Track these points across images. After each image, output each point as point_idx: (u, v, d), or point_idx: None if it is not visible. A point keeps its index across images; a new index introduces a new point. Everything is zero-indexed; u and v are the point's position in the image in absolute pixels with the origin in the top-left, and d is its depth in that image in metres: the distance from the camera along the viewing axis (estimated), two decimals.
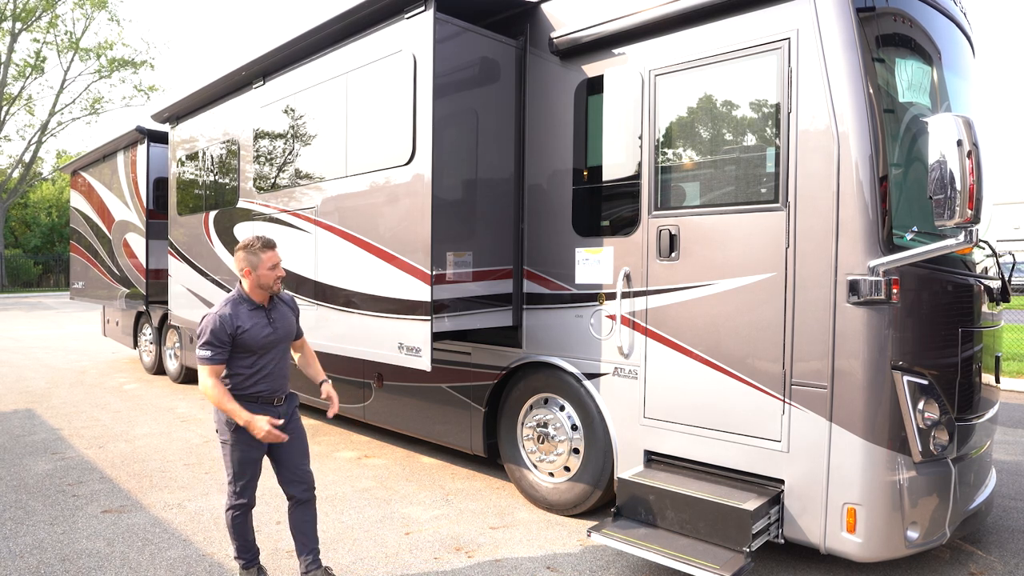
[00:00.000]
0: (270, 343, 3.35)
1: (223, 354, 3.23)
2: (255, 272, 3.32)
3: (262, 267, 3.31)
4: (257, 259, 3.31)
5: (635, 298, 4.18)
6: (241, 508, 3.41)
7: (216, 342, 3.21)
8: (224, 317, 3.23)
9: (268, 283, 3.34)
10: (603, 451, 4.41)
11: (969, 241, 3.05)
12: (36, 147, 40.63)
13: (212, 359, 3.21)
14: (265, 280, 3.33)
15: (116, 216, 10.43)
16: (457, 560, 3.96)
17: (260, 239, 3.36)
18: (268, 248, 3.34)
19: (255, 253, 3.32)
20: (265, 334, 3.33)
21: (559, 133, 4.66)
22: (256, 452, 3.38)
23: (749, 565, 3.31)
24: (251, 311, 3.33)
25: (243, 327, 3.26)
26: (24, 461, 5.89)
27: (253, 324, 3.30)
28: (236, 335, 3.24)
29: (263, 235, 3.45)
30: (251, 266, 3.32)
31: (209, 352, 3.20)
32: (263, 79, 6.36)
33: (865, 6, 3.47)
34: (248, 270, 3.32)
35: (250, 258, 3.32)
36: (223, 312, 3.25)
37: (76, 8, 39.10)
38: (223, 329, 3.22)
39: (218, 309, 3.28)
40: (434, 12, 4.31)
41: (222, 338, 3.21)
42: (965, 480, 3.72)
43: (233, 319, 3.25)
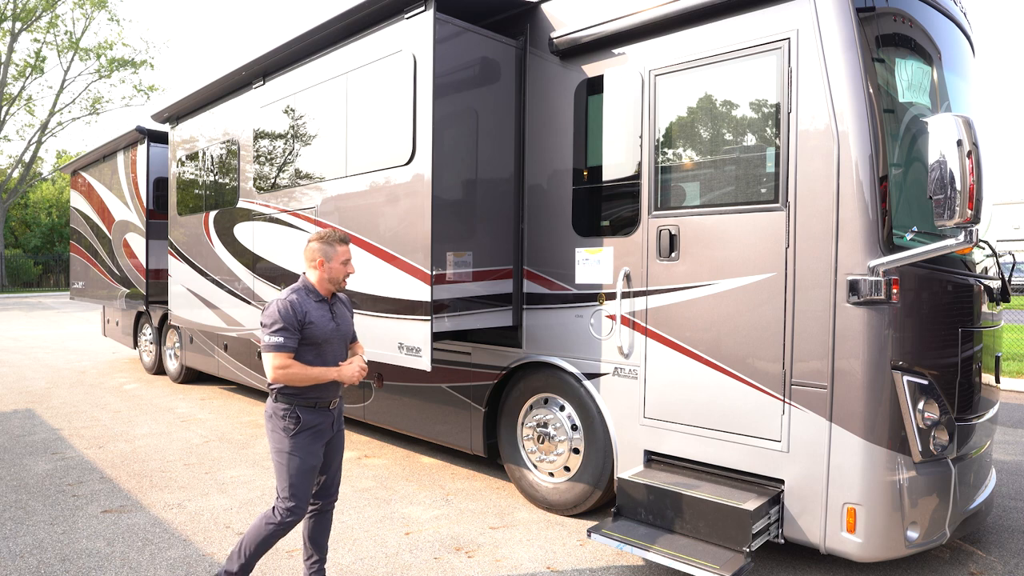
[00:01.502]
0: (333, 338, 3.26)
1: (295, 340, 3.09)
2: (328, 264, 3.23)
3: (336, 260, 3.24)
4: (333, 251, 3.24)
5: (635, 298, 4.18)
6: (289, 525, 3.17)
7: (289, 327, 3.06)
8: (293, 303, 3.11)
9: (338, 278, 3.26)
10: (603, 451, 4.41)
11: (969, 241, 3.05)
12: (36, 147, 40.66)
13: (285, 345, 3.06)
14: (336, 274, 3.25)
15: (116, 216, 10.43)
16: (457, 560, 3.96)
17: (336, 233, 3.29)
18: (344, 243, 3.28)
19: (332, 244, 3.24)
20: (330, 328, 3.23)
21: (559, 133, 4.66)
22: (316, 459, 3.21)
23: (749, 565, 3.31)
24: (317, 303, 3.22)
25: (311, 316, 3.14)
26: (24, 461, 5.89)
27: (320, 316, 3.19)
28: (304, 323, 3.12)
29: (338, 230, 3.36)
30: (326, 257, 3.23)
31: (282, 338, 3.05)
32: (263, 79, 6.36)
33: (865, 6, 3.47)
34: (322, 260, 3.22)
35: (326, 249, 3.23)
36: (291, 298, 3.13)
37: (76, 8, 39.13)
38: (293, 315, 3.09)
39: (285, 296, 3.15)
40: (434, 12, 4.31)
41: (293, 323, 3.08)
42: (965, 480, 3.72)
43: (302, 306, 3.13)
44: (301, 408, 3.15)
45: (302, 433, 3.14)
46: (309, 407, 3.17)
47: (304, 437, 3.14)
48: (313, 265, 3.24)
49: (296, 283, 3.28)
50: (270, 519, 3.16)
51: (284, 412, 3.14)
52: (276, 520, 3.15)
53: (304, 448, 3.15)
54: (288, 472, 3.13)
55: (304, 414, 3.15)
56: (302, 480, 3.15)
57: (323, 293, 3.27)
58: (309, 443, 3.16)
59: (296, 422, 3.14)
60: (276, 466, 3.18)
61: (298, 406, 3.14)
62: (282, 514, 3.15)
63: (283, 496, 3.15)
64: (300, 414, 3.14)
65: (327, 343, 3.22)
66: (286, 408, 3.14)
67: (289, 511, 3.15)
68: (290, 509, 3.15)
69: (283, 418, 3.14)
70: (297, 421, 3.14)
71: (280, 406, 3.15)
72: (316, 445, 3.19)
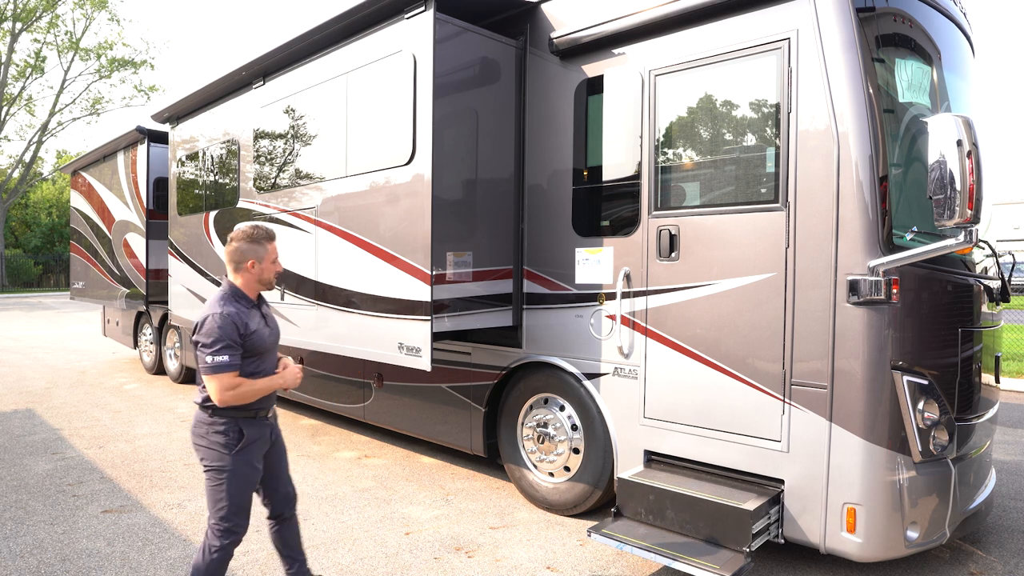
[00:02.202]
0: (273, 345, 3.03)
1: (239, 356, 2.81)
2: (260, 265, 2.96)
3: (267, 260, 2.97)
4: (264, 250, 2.97)
5: (635, 298, 4.18)
6: (233, 546, 2.92)
7: (232, 343, 2.78)
8: (233, 316, 2.82)
9: (270, 278, 3.01)
10: (603, 451, 4.41)
11: (969, 241, 3.05)
12: (36, 147, 40.67)
13: (231, 364, 2.77)
14: (268, 275, 2.99)
15: (116, 216, 10.43)
16: (457, 560, 3.96)
17: (262, 228, 3.00)
18: (272, 239, 3.02)
19: (261, 243, 2.97)
20: (267, 334, 2.98)
21: (559, 133, 4.66)
22: (257, 474, 2.97)
23: (749, 565, 3.31)
24: (249, 309, 2.94)
25: (251, 326, 2.88)
26: (24, 461, 5.89)
27: (258, 323, 2.94)
28: (247, 335, 2.85)
29: (261, 224, 3.07)
30: (257, 258, 2.95)
31: (226, 357, 2.75)
32: (263, 79, 6.36)
33: (865, 6, 3.47)
34: (253, 262, 2.94)
35: (256, 249, 2.95)
36: (228, 311, 2.83)
37: (76, 8, 39.14)
38: (235, 329, 2.80)
39: (220, 308, 2.83)
40: (434, 12, 4.31)
41: (235, 339, 2.80)
42: (965, 480, 3.72)
43: (241, 316, 2.85)
44: (243, 421, 2.89)
45: (245, 449, 2.89)
46: (250, 419, 2.92)
47: (247, 453, 2.90)
48: (241, 268, 2.95)
49: (222, 290, 2.96)
50: (212, 547, 2.88)
51: (224, 427, 2.87)
52: (217, 545, 2.87)
53: (247, 464, 2.91)
54: (228, 492, 2.86)
55: (246, 428, 2.90)
56: (243, 499, 2.91)
57: (252, 297, 3.01)
58: (252, 458, 2.92)
59: (239, 437, 2.88)
60: (212, 486, 2.88)
61: (238, 418, 2.88)
62: (221, 536, 2.88)
63: (220, 517, 2.87)
64: (243, 428, 2.89)
65: (268, 351, 2.99)
66: (226, 422, 2.87)
67: (228, 532, 2.88)
68: (229, 530, 2.89)
69: (223, 433, 2.86)
70: (240, 436, 2.88)
71: (218, 420, 2.87)
72: (258, 459, 2.97)
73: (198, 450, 2.92)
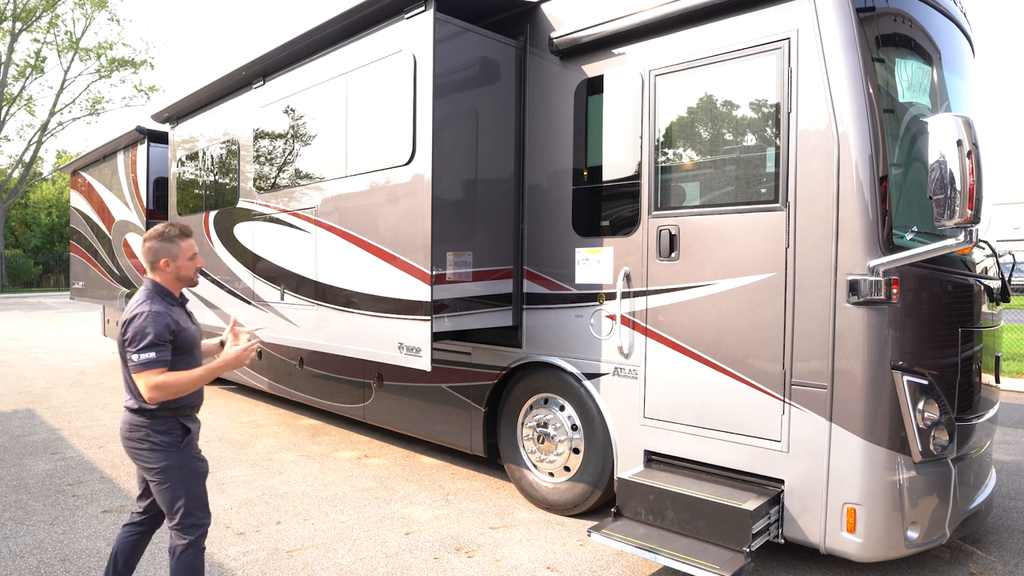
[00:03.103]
0: (199, 342, 3.04)
1: (168, 354, 2.80)
2: (175, 262, 2.96)
3: (182, 257, 2.97)
4: (177, 247, 2.96)
5: (635, 298, 4.18)
6: (202, 540, 2.90)
7: (161, 340, 2.77)
8: (161, 313, 2.82)
9: (189, 275, 3.01)
10: (603, 451, 4.41)
11: (969, 241, 3.05)
12: (36, 147, 40.67)
13: (160, 360, 2.76)
14: (186, 271, 2.99)
15: (116, 216, 10.43)
16: (457, 560, 3.96)
17: (176, 226, 3.00)
18: (186, 235, 3.00)
19: (173, 241, 2.96)
20: (194, 331, 3.01)
21: (559, 133, 4.66)
22: (205, 465, 3.01)
23: (749, 565, 3.31)
24: (174, 307, 2.95)
25: (180, 323, 2.90)
26: (24, 461, 5.89)
27: (186, 321, 2.97)
28: (177, 331, 2.86)
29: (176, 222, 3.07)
30: (170, 256, 2.95)
31: (154, 353, 2.74)
32: (263, 79, 6.36)
33: (865, 6, 3.47)
34: (167, 260, 2.94)
35: (168, 247, 2.95)
36: (156, 308, 2.83)
37: (76, 8, 39.14)
38: (166, 327, 2.80)
39: (147, 307, 2.83)
40: (434, 12, 4.31)
41: (165, 336, 2.79)
42: (965, 480, 3.72)
43: (170, 313, 2.86)
44: (183, 418, 2.92)
45: (191, 444, 2.93)
46: (188, 415, 2.96)
47: (192, 447, 2.94)
48: (157, 267, 2.95)
49: (146, 289, 2.96)
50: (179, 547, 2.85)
51: (167, 425, 2.88)
52: (185, 543, 2.85)
53: (195, 458, 2.95)
54: (186, 487, 2.87)
55: (188, 423, 2.94)
56: (200, 491, 2.92)
57: (176, 295, 3.02)
58: (196, 451, 2.98)
59: (183, 433, 2.90)
60: (166, 486, 2.86)
61: (179, 416, 2.91)
62: (188, 532, 2.86)
63: (181, 516, 2.85)
64: (185, 424, 2.92)
65: (196, 348, 3.00)
66: (168, 421, 2.88)
67: (194, 526, 2.88)
68: (194, 524, 2.88)
69: (165, 433, 2.86)
70: (184, 431, 2.91)
71: (157, 423, 2.86)
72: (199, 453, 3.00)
73: (139, 456, 2.89)
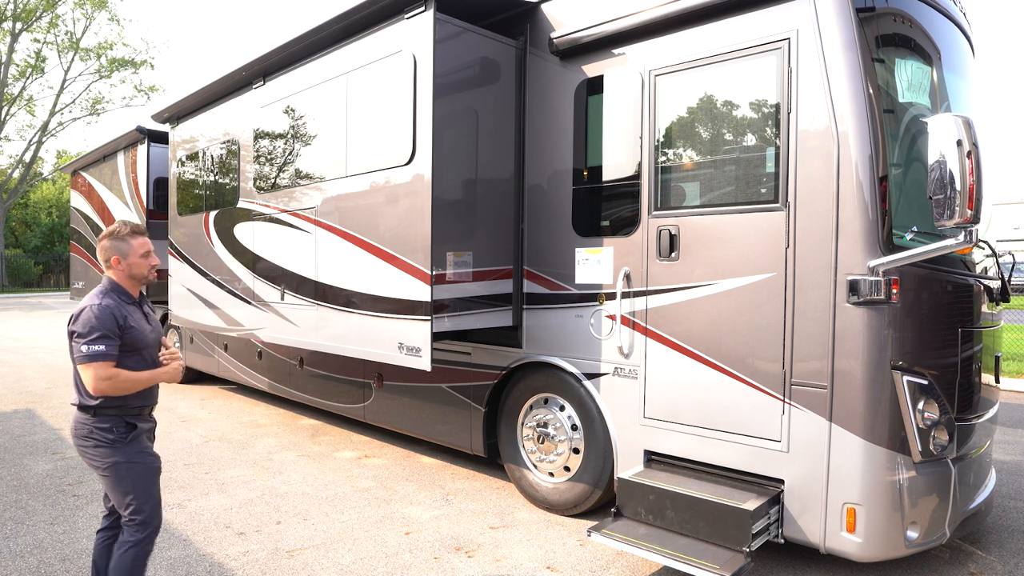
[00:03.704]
0: (153, 342, 3.00)
1: (115, 348, 2.78)
2: (126, 260, 2.94)
3: (133, 255, 2.95)
4: (127, 245, 2.94)
5: (635, 298, 4.18)
6: (150, 542, 2.86)
7: (109, 333, 2.76)
8: (111, 307, 2.81)
9: (142, 272, 2.98)
10: (603, 451, 4.41)
11: (969, 241, 3.05)
12: (36, 147, 40.67)
13: (108, 353, 2.74)
14: (138, 269, 2.97)
15: (116, 216, 10.42)
16: (457, 560, 3.96)
17: (127, 224, 2.98)
18: (138, 233, 2.98)
19: (124, 239, 2.95)
20: (148, 330, 2.98)
21: (559, 133, 4.66)
22: (156, 460, 2.96)
23: (749, 565, 3.31)
24: (128, 305, 2.94)
25: (130, 320, 2.87)
26: (24, 461, 5.89)
27: (138, 319, 2.93)
28: (125, 328, 2.83)
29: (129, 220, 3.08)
30: (120, 254, 2.94)
31: (103, 346, 2.73)
32: (263, 79, 6.36)
33: (865, 6, 3.47)
34: (117, 258, 2.93)
35: (119, 245, 2.94)
36: (106, 303, 2.82)
37: (76, 8, 39.13)
38: (112, 319, 2.78)
39: (98, 300, 2.83)
40: (434, 12, 4.31)
41: (113, 329, 2.78)
42: (965, 480, 3.72)
43: (120, 309, 2.84)
44: (129, 417, 2.89)
45: (137, 439, 2.89)
46: (134, 416, 2.91)
47: (138, 443, 2.89)
48: (110, 266, 2.96)
49: (101, 285, 2.96)
50: (127, 542, 2.81)
51: (110, 423, 2.84)
52: (132, 540, 2.81)
53: (142, 453, 2.90)
54: (132, 480, 2.83)
55: (136, 421, 2.92)
56: (151, 484, 2.88)
57: (133, 294, 3.01)
58: (144, 447, 2.92)
59: (127, 430, 2.87)
60: (112, 482, 2.83)
61: (124, 416, 2.87)
62: (137, 529, 2.82)
63: (132, 511, 2.81)
64: (130, 421, 2.90)
65: (148, 348, 2.96)
66: (112, 419, 2.85)
67: (144, 524, 2.83)
68: (145, 522, 2.83)
69: (109, 430, 2.83)
70: (129, 427, 2.88)
71: (101, 423, 2.83)
72: (150, 449, 2.95)
73: (86, 454, 2.87)
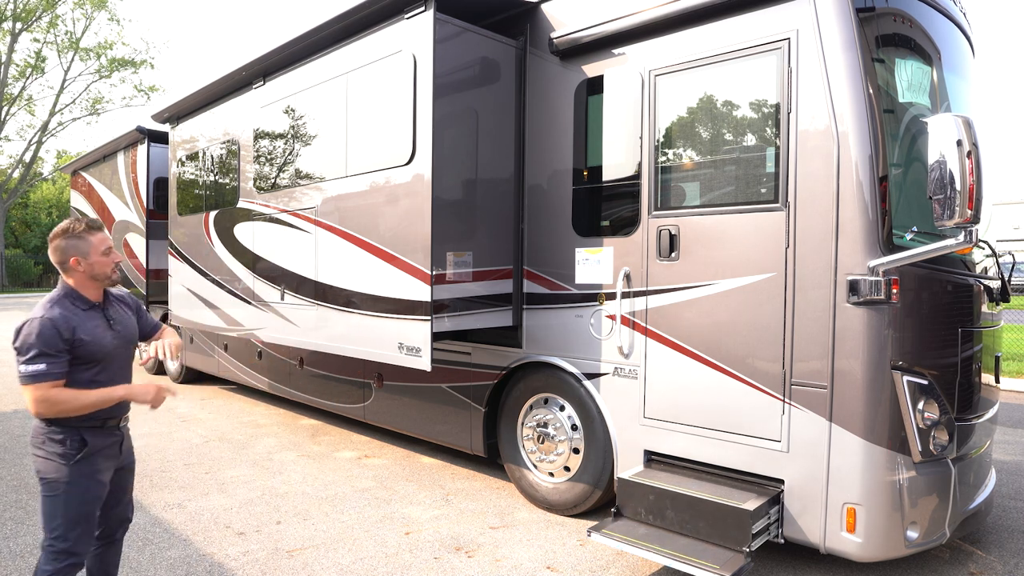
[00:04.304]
0: (117, 350, 2.74)
1: (60, 366, 2.52)
2: (86, 260, 2.66)
3: (94, 253, 2.67)
4: (86, 243, 2.66)
5: (635, 298, 4.18)
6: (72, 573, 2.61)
7: (50, 351, 2.49)
8: (56, 320, 2.54)
9: (104, 272, 2.71)
10: (603, 451, 4.41)
11: (969, 241, 3.05)
12: (36, 147, 40.65)
13: (49, 373, 2.48)
14: (100, 269, 2.69)
15: (116, 216, 10.43)
16: (457, 560, 3.96)
17: (82, 221, 2.70)
18: (95, 230, 2.71)
19: (81, 237, 2.66)
20: (109, 340, 2.70)
21: (559, 133, 4.66)
22: (103, 488, 2.70)
23: (749, 565, 3.31)
24: (86, 312, 2.66)
25: (81, 332, 2.59)
26: (24, 461, 5.89)
27: (93, 328, 2.65)
28: (74, 342, 2.56)
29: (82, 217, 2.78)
30: (80, 253, 2.65)
31: (43, 365, 2.47)
32: (263, 79, 6.36)
33: (865, 6, 3.47)
34: (76, 259, 2.64)
35: (77, 244, 2.65)
36: (52, 315, 2.54)
37: (76, 8, 39.12)
38: (57, 334, 2.51)
39: (42, 312, 2.56)
40: (434, 12, 4.31)
41: (57, 346, 2.51)
42: (965, 480, 3.72)
43: (67, 321, 2.56)
44: (85, 430, 2.62)
45: (88, 459, 2.62)
46: (95, 428, 2.65)
47: (89, 464, 2.63)
48: (67, 267, 2.67)
49: (54, 292, 2.68)
50: (44, 571, 2.57)
51: (62, 435, 2.59)
52: (50, 569, 2.56)
53: (89, 476, 2.63)
54: (66, 507, 2.58)
55: (90, 436, 2.63)
56: (85, 515, 2.62)
57: (92, 298, 2.72)
58: (95, 470, 2.65)
59: (79, 445, 2.61)
60: (47, 500, 2.59)
61: (81, 427, 2.61)
62: (55, 559, 2.56)
63: (56, 536, 2.57)
64: (85, 436, 2.63)
65: (110, 358, 2.70)
66: (64, 431, 2.60)
67: (65, 553, 2.57)
68: (67, 551, 2.58)
69: (60, 443, 2.59)
70: (81, 444, 2.61)
71: (55, 429, 2.59)
72: (104, 472, 2.70)
73: (35, 461, 2.65)
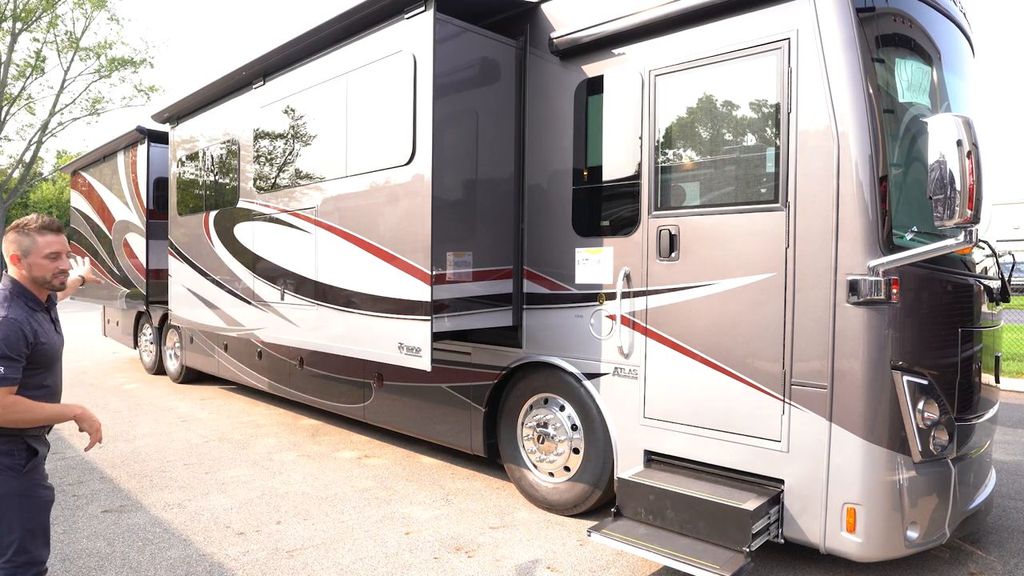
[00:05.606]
0: (58, 353, 2.65)
1: (18, 371, 2.41)
2: (26, 259, 2.51)
3: (37, 254, 2.52)
4: (32, 242, 2.51)
5: (635, 298, 4.18)
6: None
7: (12, 355, 2.37)
8: (20, 321, 2.42)
9: (45, 277, 2.55)
10: (603, 451, 4.41)
11: (969, 241, 3.05)
12: (36, 147, 40.57)
13: (7, 378, 2.36)
14: (41, 272, 2.53)
15: (116, 216, 10.43)
16: (457, 560, 3.96)
17: (40, 218, 2.56)
18: (49, 230, 2.55)
19: (28, 234, 2.51)
20: (58, 342, 2.63)
21: (559, 133, 4.66)
22: (51, 492, 2.61)
23: (749, 565, 3.31)
24: (39, 313, 2.57)
25: (41, 335, 2.50)
26: None
27: (48, 330, 2.57)
28: (36, 344, 2.46)
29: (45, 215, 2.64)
30: (21, 251, 2.51)
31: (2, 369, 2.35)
32: (263, 79, 6.36)
33: (865, 6, 3.47)
34: (16, 255, 2.50)
35: (21, 240, 2.51)
36: (13, 315, 2.42)
37: (76, 8, 39.11)
38: (22, 337, 2.40)
39: (3, 311, 2.42)
40: (434, 12, 4.31)
41: (20, 350, 2.40)
42: (965, 480, 3.72)
43: (29, 323, 2.46)
44: (30, 438, 2.52)
45: (36, 468, 2.55)
46: (36, 436, 2.56)
47: (38, 472, 2.57)
48: (11, 263, 2.54)
49: (6, 288, 2.53)
50: None
51: (8, 445, 2.46)
52: None
53: (39, 485, 2.56)
54: (22, 518, 2.46)
55: (36, 444, 2.55)
56: (41, 525, 2.55)
57: (41, 298, 2.60)
58: (43, 476, 2.60)
59: (28, 456, 2.51)
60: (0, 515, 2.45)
61: (25, 435, 2.50)
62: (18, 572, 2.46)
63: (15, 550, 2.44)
64: (32, 445, 2.53)
65: (55, 361, 2.63)
66: (10, 440, 2.47)
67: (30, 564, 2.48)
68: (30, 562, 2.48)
69: (8, 453, 2.46)
70: (31, 454, 2.52)
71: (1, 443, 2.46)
72: (45, 479, 2.63)
73: None
